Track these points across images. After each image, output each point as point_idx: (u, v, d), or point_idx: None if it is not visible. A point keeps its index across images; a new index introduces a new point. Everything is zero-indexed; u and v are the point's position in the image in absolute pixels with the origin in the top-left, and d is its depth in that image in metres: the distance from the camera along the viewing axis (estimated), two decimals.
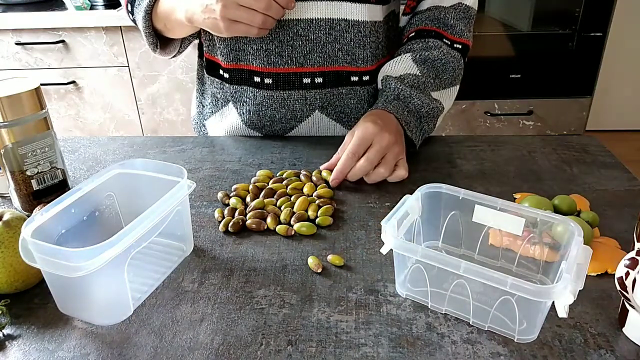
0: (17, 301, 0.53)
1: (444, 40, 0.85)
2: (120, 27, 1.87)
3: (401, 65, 0.83)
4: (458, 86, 0.87)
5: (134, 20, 0.87)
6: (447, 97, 0.85)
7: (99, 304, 0.51)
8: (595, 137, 0.89)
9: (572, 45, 2.14)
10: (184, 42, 0.90)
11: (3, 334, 0.50)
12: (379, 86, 0.85)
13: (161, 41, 0.86)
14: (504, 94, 2.22)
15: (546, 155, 0.82)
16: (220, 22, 0.70)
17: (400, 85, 0.80)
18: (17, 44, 1.90)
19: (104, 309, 0.51)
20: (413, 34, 0.87)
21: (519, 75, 2.18)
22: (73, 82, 1.98)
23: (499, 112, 2.24)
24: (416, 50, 0.84)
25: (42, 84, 1.46)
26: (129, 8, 0.85)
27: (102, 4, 1.90)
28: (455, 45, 0.85)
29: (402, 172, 0.73)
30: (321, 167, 0.76)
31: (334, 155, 0.76)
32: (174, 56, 0.92)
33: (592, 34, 2.12)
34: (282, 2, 0.70)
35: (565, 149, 0.83)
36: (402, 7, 0.91)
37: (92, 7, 1.89)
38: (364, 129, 0.73)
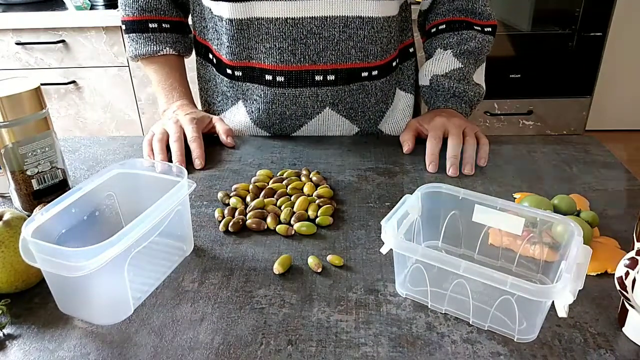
0: (18, 301, 0.53)
1: (475, 27, 0.90)
2: (121, 27, 1.86)
3: (444, 63, 0.90)
4: (485, 60, 0.96)
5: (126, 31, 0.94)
6: (480, 73, 0.93)
7: (99, 304, 0.51)
8: (595, 136, 0.90)
9: (572, 45, 2.14)
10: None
11: (3, 334, 0.50)
12: (426, 83, 0.92)
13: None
14: (503, 94, 2.21)
15: (546, 155, 0.82)
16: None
17: (453, 84, 0.88)
18: (17, 43, 1.90)
19: (104, 309, 0.51)
20: (443, 25, 0.91)
21: (519, 75, 2.18)
22: (73, 82, 1.98)
23: (499, 112, 2.24)
24: (454, 45, 0.90)
25: (42, 84, 1.46)
26: (124, 25, 0.93)
27: (103, 3, 1.90)
28: (486, 30, 0.91)
29: (485, 142, 0.80)
30: (428, 169, 0.78)
31: (405, 145, 0.83)
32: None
33: (592, 33, 2.12)
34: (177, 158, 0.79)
35: (565, 149, 0.84)
36: None
37: (92, 7, 1.89)
38: (432, 121, 0.82)
